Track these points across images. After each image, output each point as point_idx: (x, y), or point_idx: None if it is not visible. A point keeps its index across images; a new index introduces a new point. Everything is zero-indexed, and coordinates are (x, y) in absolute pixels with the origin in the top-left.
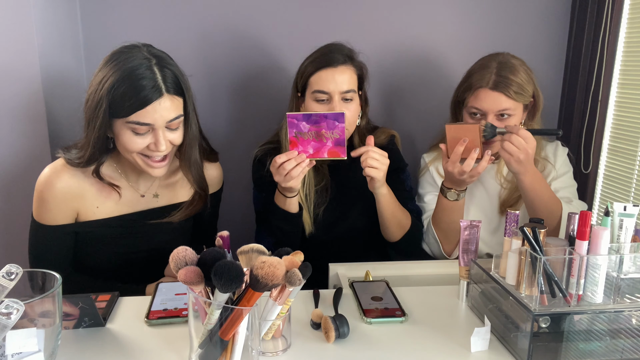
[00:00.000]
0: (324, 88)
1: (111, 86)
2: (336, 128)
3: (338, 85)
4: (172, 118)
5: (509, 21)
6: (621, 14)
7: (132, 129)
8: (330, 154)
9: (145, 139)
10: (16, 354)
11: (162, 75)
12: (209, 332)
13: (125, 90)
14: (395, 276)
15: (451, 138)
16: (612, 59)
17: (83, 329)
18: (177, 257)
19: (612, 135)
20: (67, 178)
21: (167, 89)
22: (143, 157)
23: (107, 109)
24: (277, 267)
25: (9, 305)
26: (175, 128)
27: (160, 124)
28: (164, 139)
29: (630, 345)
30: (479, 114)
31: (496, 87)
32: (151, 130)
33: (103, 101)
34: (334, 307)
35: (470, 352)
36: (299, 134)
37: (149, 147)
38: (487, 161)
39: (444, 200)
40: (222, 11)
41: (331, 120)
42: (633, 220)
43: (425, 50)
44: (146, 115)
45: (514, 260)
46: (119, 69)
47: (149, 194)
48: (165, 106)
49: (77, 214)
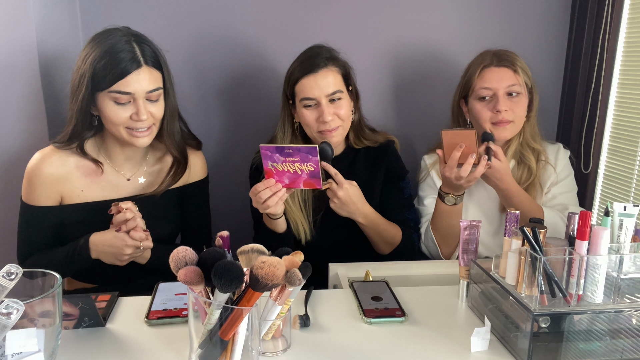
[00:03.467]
0: (309, 95)
1: (93, 60)
2: (310, 161)
3: (323, 89)
4: (151, 89)
5: (509, 21)
6: (621, 14)
7: (114, 99)
8: (305, 185)
9: (127, 109)
10: (16, 354)
11: (141, 49)
12: (209, 332)
13: (106, 63)
14: (395, 276)
15: (448, 144)
16: (612, 59)
17: (83, 329)
18: (177, 257)
19: (612, 135)
20: (53, 161)
21: (145, 61)
22: (127, 129)
23: (90, 81)
24: (277, 267)
25: (9, 305)
26: (155, 100)
27: (140, 94)
28: (144, 109)
29: (630, 345)
30: (488, 96)
31: (501, 63)
32: (132, 101)
33: (85, 74)
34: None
35: (470, 352)
36: (274, 165)
37: (131, 117)
38: (483, 166)
39: (442, 204)
40: (221, 10)
41: (304, 154)
42: (633, 220)
43: (425, 51)
44: (126, 84)
45: (514, 260)
46: (100, 44)
47: (134, 179)
48: (144, 77)
49: (61, 198)
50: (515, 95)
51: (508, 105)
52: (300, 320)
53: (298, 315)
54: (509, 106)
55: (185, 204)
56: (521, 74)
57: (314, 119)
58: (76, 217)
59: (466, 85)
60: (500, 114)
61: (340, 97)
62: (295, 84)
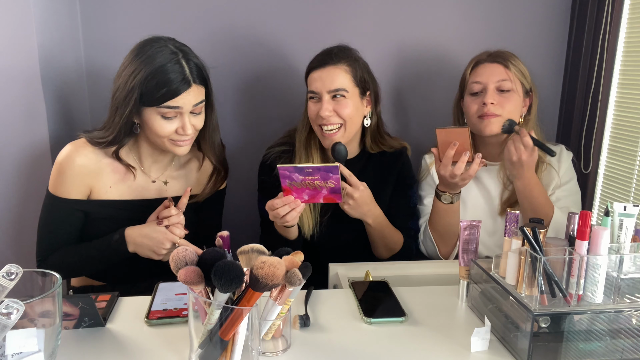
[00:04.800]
0: (312, 88)
1: (143, 78)
2: (330, 179)
3: (326, 84)
4: (196, 102)
5: (509, 21)
6: (621, 14)
7: (162, 114)
8: (325, 200)
9: (173, 123)
10: (16, 354)
11: (189, 67)
12: (209, 332)
13: (157, 82)
14: (395, 276)
15: (442, 142)
16: (612, 59)
17: (83, 329)
18: (177, 257)
19: (612, 135)
20: (87, 154)
21: (193, 80)
22: (170, 140)
23: (139, 98)
24: (277, 267)
25: (9, 305)
26: (199, 112)
27: (187, 108)
28: (189, 123)
29: (630, 345)
30: (479, 91)
31: (494, 59)
32: (178, 115)
33: (135, 91)
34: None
35: (470, 352)
36: (292, 184)
37: (176, 131)
38: (477, 164)
39: (439, 203)
40: (225, 11)
41: (324, 172)
42: (633, 220)
43: (425, 51)
44: (176, 101)
45: (514, 260)
46: (149, 62)
47: (159, 181)
48: (193, 94)
49: (90, 192)
50: (505, 91)
51: (496, 99)
52: (300, 320)
53: (298, 315)
54: (497, 100)
55: (201, 210)
56: (514, 71)
57: (315, 112)
58: (102, 213)
59: (462, 83)
60: (486, 106)
61: (343, 95)
62: (306, 78)
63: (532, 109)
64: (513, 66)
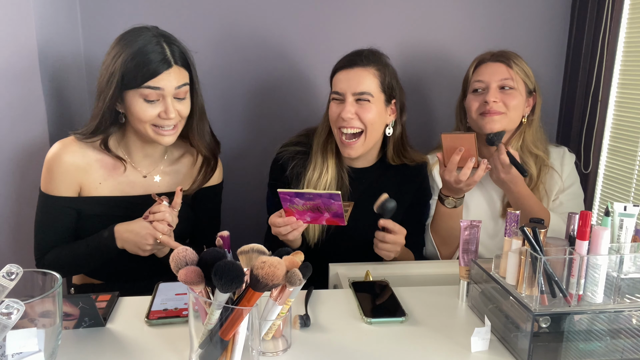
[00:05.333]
0: (337, 89)
1: (124, 60)
2: (332, 205)
3: (352, 86)
4: (179, 84)
5: (509, 21)
6: (621, 14)
7: (143, 96)
8: (328, 222)
9: (156, 107)
10: (16, 354)
11: (171, 49)
12: (209, 332)
13: (137, 62)
14: (395, 276)
15: (447, 147)
16: (612, 59)
17: (83, 329)
18: (177, 257)
19: (612, 135)
20: (74, 151)
21: (175, 61)
22: (154, 127)
23: (120, 80)
24: (277, 267)
25: (9, 305)
26: (182, 97)
27: (169, 90)
28: (172, 107)
29: (630, 345)
30: (481, 89)
31: (497, 59)
32: (161, 99)
33: (116, 74)
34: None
35: (470, 352)
36: (294, 207)
37: (159, 115)
38: (483, 170)
39: (442, 207)
40: (222, 11)
41: (326, 199)
42: (633, 220)
43: (426, 51)
44: (157, 82)
45: (514, 260)
46: (130, 45)
47: (150, 177)
48: (174, 76)
49: (80, 189)
50: (508, 89)
51: (499, 97)
52: (300, 320)
53: (298, 315)
54: (499, 98)
55: (197, 206)
56: (516, 70)
57: (337, 113)
58: (93, 209)
59: (465, 82)
60: (489, 104)
61: (368, 100)
62: (331, 78)
63: (535, 109)
64: (516, 65)
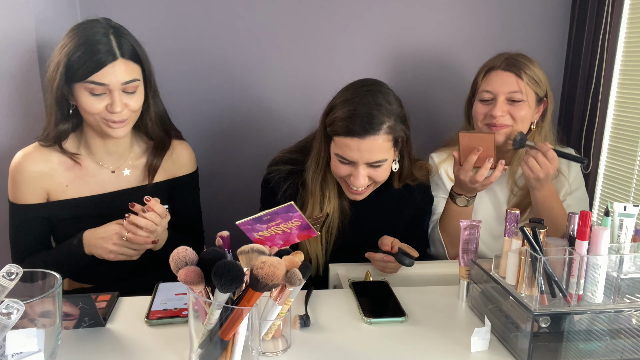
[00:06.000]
0: (347, 157)
1: (69, 51)
2: (292, 218)
3: (364, 156)
4: (127, 80)
5: (509, 21)
6: (621, 14)
7: (89, 90)
8: (300, 238)
9: (102, 100)
10: (16, 354)
11: (118, 42)
12: (209, 332)
13: (82, 54)
14: (395, 276)
15: (464, 146)
16: (612, 59)
17: (83, 329)
18: (177, 257)
19: (612, 135)
20: (34, 157)
21: (121, 54)
22: (103, 119)
23: (65, 72)
24: (277, 267)
25: (9, 305)
26: (132, 92)
27: (115, 85)
28: (120, 100)
29: (630, 345)
30: (489, 99)
31: (508, 68)
32: (108, 92)
33: (60, 64)
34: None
35: (470, 352)
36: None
37: (106, 108)
38: (500, 171)
39: (453, 205)
40: (222, 12)
41: (284, 214)
42: (633, 220)
43: (426, 51)
44: (101, 76)
45: (514, 260)
46: (77, 36)
47: (119, 171)
48: (120, 69)
49: (47, 194)
50: (517, 102)
51: (505, 109)
52: (300, 320)
53: (298, 315)
54: (506, 110)
55: (174, 198)
56: (526, 81)
57: (346, 174)
58: (64, 213)
59: (474, 85)
60: (495, 118)
61: (381, 165)
62: (335, 134)
63: (546, 114)
64: (526, 75)
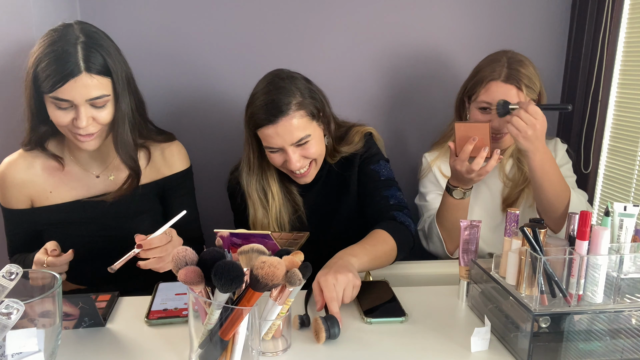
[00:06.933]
0: (272, 145)
1: (36, 60)
2: (268, 244)
3: (286, 139)
4: (94, 96)
5: (509, 21)
6: (621, 14)
7: (55, 104)
8: None
9: (68, 114)
10: (16, 354)
11: (85, 54)
12: (209, 332)
13: (46, 66)
14: (395, 276)
15: (460, 136)
16: (612, 59)
17: (83, 329)
18: (177, 257)
19: (612, 135)
20: (16, 165)
21: (87, 68)
22: (71, 132)
23: (32, 81)
24: (277, 267)
25: (9, 305)
26: (101, 106)
27: (79, 101)
28: (85, 115)
29: (630, 345)
30: (489, 108)
31: (508, 80)
32: (73, 107)
33: (30, 73)
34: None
35: (470, 352)
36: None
37: (72, 122)
38: (496, 160)
39: (450, 198)
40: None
41: (260, 239)
42: (633, 220)
43: (425, 50)
44: (64, 91)
45: (514, 260)
46: (46, 43)
47: (103, 175)
48: (84, 83)
49: (31, 201)
50: None
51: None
52: (300, 320)
53: (298, 315)
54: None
55: (167, 197)
56: (527, 92)
57: (282, 162)
58: (49, 219)
59: (472, 88)
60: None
61: (307, 141)
62: (255, 129)
63: None
64: (525, 86)
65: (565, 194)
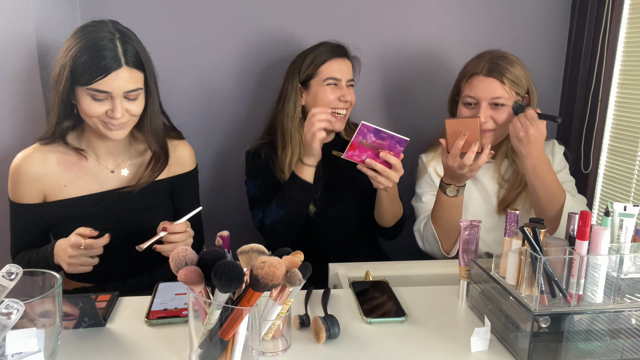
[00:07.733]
0: (337, 75)
1: (74, 54)
2: (395, 149)
3: (345, 74)
4: (130, 89)
5: (509, 21)
6: (621, 14)
7: (91, 96)
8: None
9: (104, 105)
10: (16, 354)
11: (123, 48)
12: (209, 332)
13: (87, 59)
14: (395, 276)
15: (451, 132)
16: (612, 59)
17: (83, 329)
18: (177, 257)
19: (612, 135)
20: (32, 159)
21: (126, 61)
22: (102, 122)
23: (70, 75)
24: (277, 267)
25: (9, 305)
26: (134, 99)
27: (117, 92)
28: (120, 107)
29: (630, 345)
30: (472, 103)
31: (490, 73)
32: (110, 98)
33: (66, 67)
34: (323, 308)
35: (470, 352)
36: (362, 142)
37: (107, 113)
38: (487, 155)
39: (443, 196)
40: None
41: (395, 142)
42: (633, 220)
43: (425, 50)
44: (105, 84)
45: (514, 260)
46: (83, 39)
47: (117, 171)
48: (123, 77)
49: (44, 196)
50: (500, 106)
51: (489, 114)
52: (300, 320)
53: (298, 315)
54: (490, 116)
55: (175, 195)
56: (510, 85)
57: (335, 97)
58: (61, 213)
59: (457, 85)
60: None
61: (352, 85)
62: (321, 64)
63: None
64: (508, 80)
65: (558, 199)
